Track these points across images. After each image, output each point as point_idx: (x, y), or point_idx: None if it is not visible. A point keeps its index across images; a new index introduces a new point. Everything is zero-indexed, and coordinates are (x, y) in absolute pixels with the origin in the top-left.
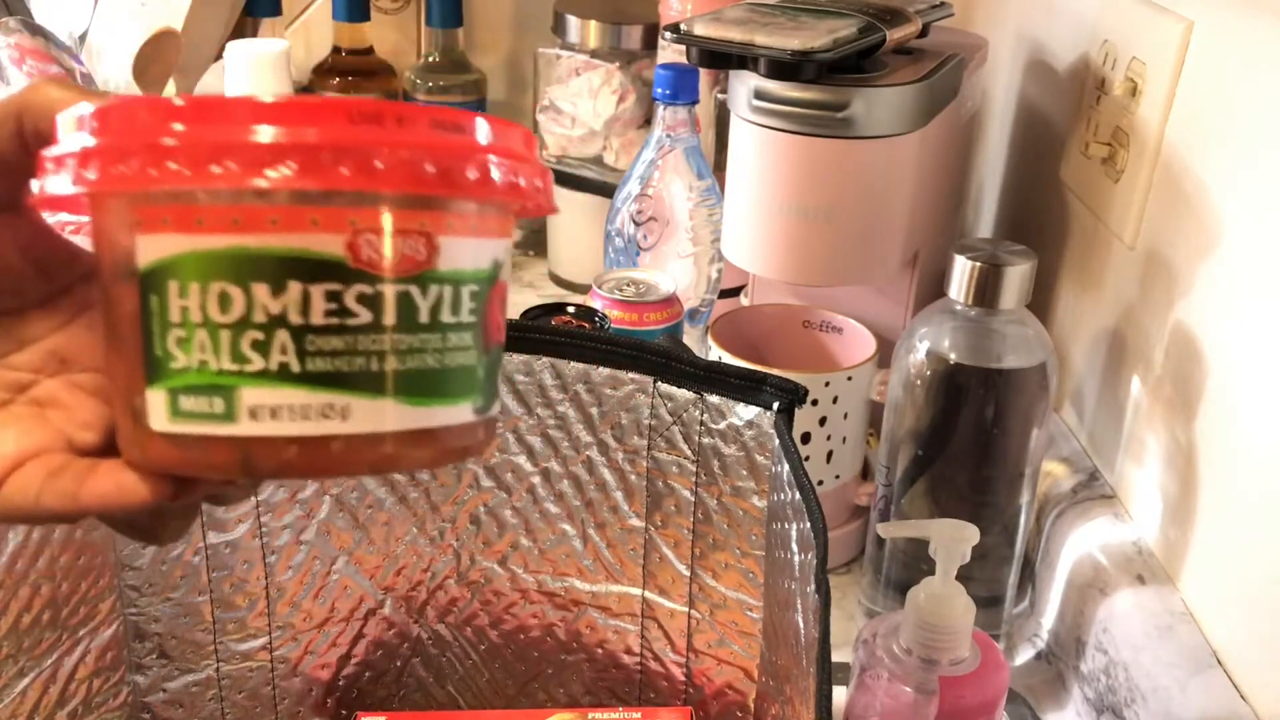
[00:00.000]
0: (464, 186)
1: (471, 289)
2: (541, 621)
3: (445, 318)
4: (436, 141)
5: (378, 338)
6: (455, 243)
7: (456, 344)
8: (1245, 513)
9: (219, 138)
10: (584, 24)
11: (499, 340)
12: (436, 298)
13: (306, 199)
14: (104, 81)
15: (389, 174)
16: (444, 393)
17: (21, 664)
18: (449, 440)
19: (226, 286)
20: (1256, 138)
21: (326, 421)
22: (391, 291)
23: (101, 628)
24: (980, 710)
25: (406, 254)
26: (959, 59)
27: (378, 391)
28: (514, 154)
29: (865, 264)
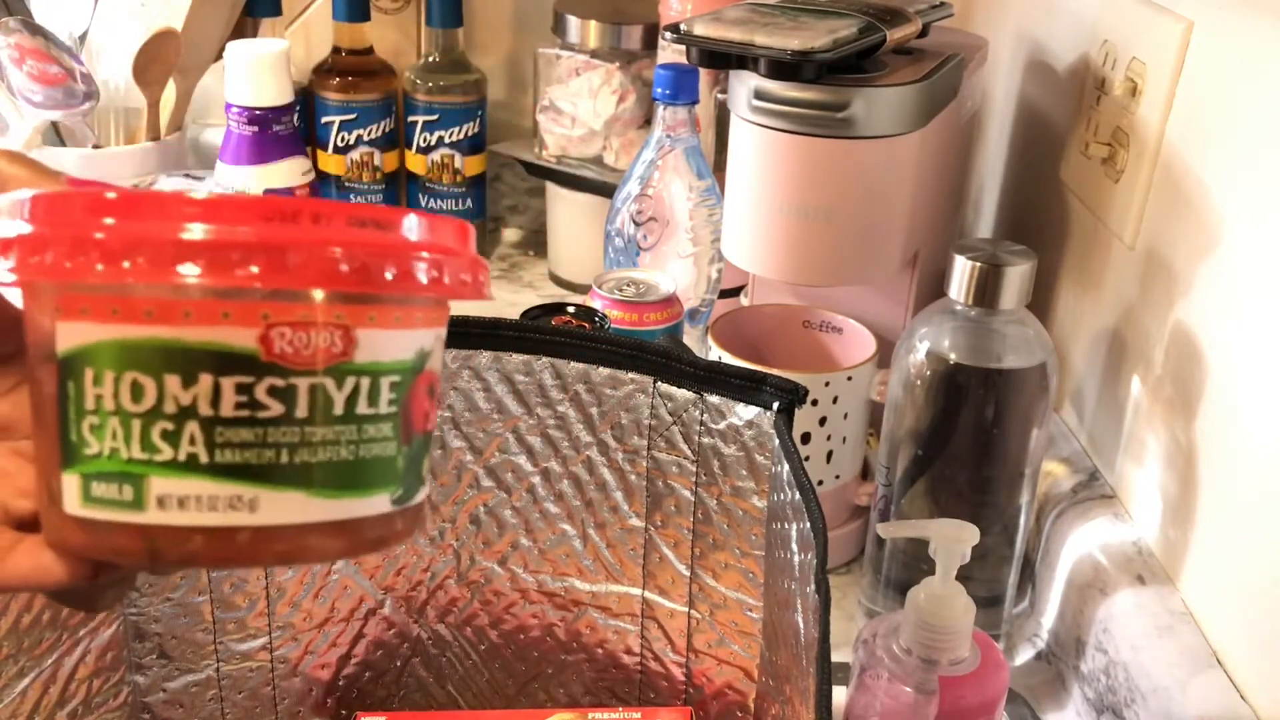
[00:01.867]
0: (380, 284)
1: (392, 380)
2: (541, 621)
3: (362, 409)
4: (353, 239)
5: (289, 430)
6: (375, 335)
7: (374, 435)
8: (1245, 513)
9: (134, 234)
10: (584, 24)
11: (424, 429)
12: (353, 390)
13: (220, 294)
14: (104, 82)
15: (299, 272)
16: (358, 485)
17: (21, 664)
18: (363, 532)
19: (139, 376)
20: (1256, 138)
21: (234, 513)
22: (305, 384)
23: (101, 628)
24: (980, 710)
25: (322, 347)
26: (959, 59)
27: (288, 484)
28: (441, 249)
29: (865, 264)
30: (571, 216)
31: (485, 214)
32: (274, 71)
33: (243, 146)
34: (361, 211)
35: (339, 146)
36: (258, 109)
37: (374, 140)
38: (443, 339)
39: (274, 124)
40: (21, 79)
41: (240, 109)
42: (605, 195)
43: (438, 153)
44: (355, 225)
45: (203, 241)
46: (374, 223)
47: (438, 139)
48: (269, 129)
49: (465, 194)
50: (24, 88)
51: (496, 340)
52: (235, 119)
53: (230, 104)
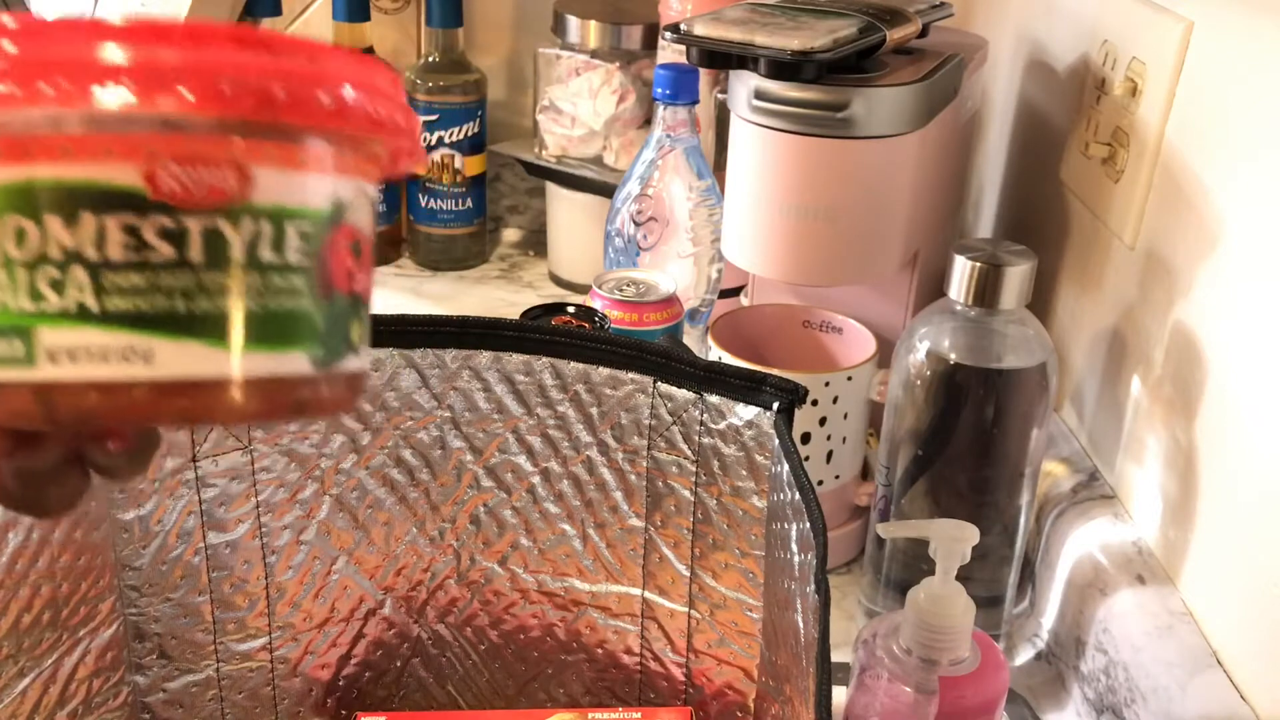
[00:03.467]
0: (275, 109)
1: (301, 228)
2: (541, 621)
3: (265, 257)
4: (246, 60)
5: (183, 275)
6: (276, 175)
7: (281, 286)
8: (1245, 513)
9: (7, 59)
10: (584, 24)
11: (348, 288)
12: (253, 234)
13: (100, 124)
14: None
15: (181, 94)
16: (267, 339)
17: (21, 664)
18: (280, 392)
19: (20, 220)
20: (1256, 138)
21: (128, 365)
22: (197, 225)
23: (101, 628)
24: (980, 710)
25: (214, 184)
26: (959, 59)
27: (184, 334)
28: (364, 85)
29: (865, 264)
30: (571, 216)
31: (485, 214)
32: None
33: None
34: (265, 35)
35: None
36: None
37: None
38: (369, 197)
39: None
40: None
41: None
42: (605, 195)
43: (438, 153)
44: (252, 47)
45: (78, 63)
46: (278, 46)
47: (438, 139)
48: None
49: (465, 194)
50: None
51: (496, 340)
52: None
53: None
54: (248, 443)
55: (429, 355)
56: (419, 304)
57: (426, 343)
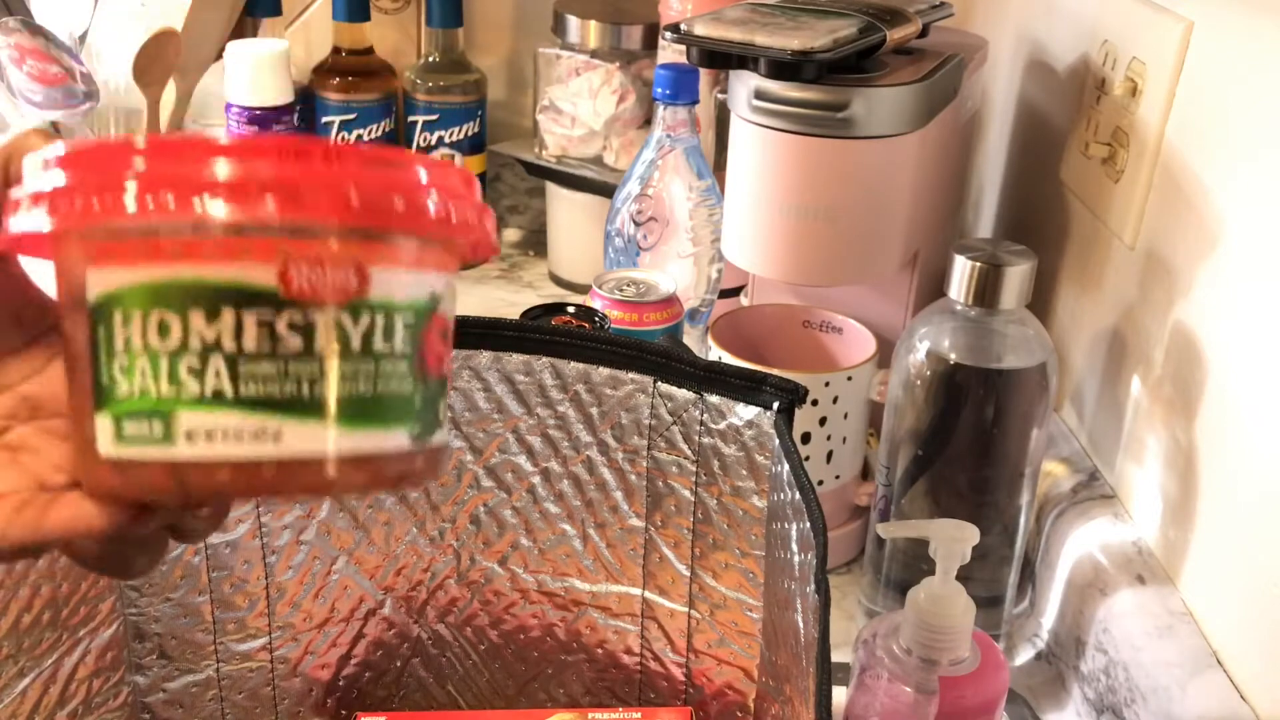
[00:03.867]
0: (391, 218)
1: (406, 319)
2: (541, 621)
3: (378, 346)
4: (365, 175)
5: (309, 364)
6: (388, 274)
7: (390, 372)
8: (1245, 513)
9: (158, 174)
10: (584, 24)
11: (439, 373)
12: (368, 326)
13: (240, 231)
14: (104, 82)
15: (312, 204)
16: (377, 419)
17: (21, 664)
18: (384, 467)
19: (165, 314)
20: (1256, 137)
21: (259, 444)
22: (323, 319)
23: (101, 628)
24: (980, 710)
25: (338, 284)
26: (959, 59)
27: (310, 415)
28: (449, 190)
29: (865, 264)
30: (571, 216)
31: None
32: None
33: None
34: (373, 151)
35: None
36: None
37: (374, 140)
38: (453, 288)
39: (274, 124)
40: (21, 79)
41: (240, 109)
42: (605, 195)
43: (438, 153)
44: (367, 164)
45: (222, 179)
46: (384, 161)
47: (438, 139)
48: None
49: None
50: (24, 88)
51: (496, 340)
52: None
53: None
54: None
55: None
56: None
57: None
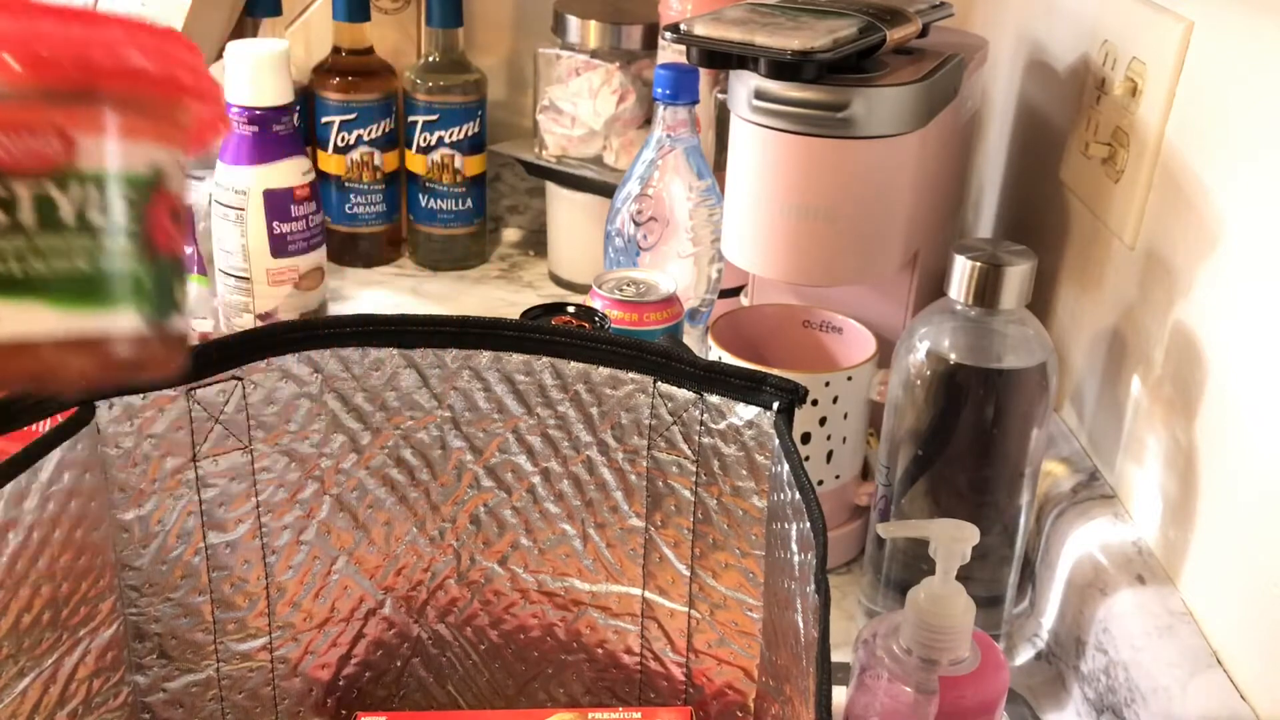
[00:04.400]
0: (93, 74)
1: (125, 193)
2: (541, 621)
3: (94, 219)
4: (62, 30)
5: (18, 239)
6: (98, 141)
7: (111, 248)
8: (1245, 513)
9: None
10: (584, 24)
11: (170, 251)
12: (81, 198)
13: None
14: None
15: (2, 63)
16: (100, 297)
17: (21, 664)
18: (114, 350)
19: None
20: (1256, 137)
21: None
22: (26, 190)
23: (101, 628)
24: (980, 710)
25: (42, 151)
26: (959, 59)
27: (24, 294)
28: (166, 54)
29: (865, 264)
30: (571, 216)
31: (485, 214)
32: (274, 71)
33: (243, 146)
34: (76, 10)
35: (339, 146)
36: (258, 109)
37: (374, 140)
38: (182, 165)
39: (274, 124)
40: None
41: (240, 109)
42: (605, 195)
43: (438, 153)
44: (66, 20)
45: None
46: (87, 19)
47: (438, 139)
48: (269, 129)
49: (465, 194)
50: None
51: (496, 340)
52: (235, 119)
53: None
54: (248, 443)
55: (429, 355)
56: (419, 304)
57: (426, 343)
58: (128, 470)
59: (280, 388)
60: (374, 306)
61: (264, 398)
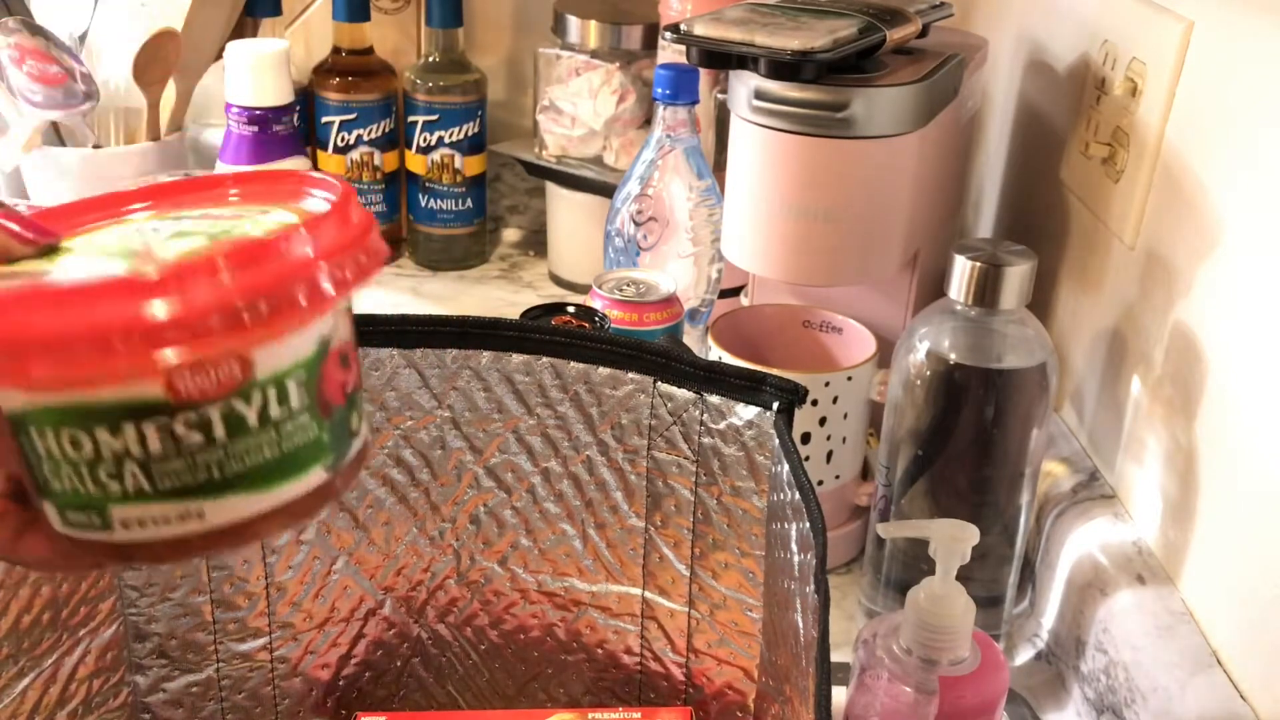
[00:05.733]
0: (276, 323)
1: (298, 378)
2: (541, 621)
3: (274, 414)
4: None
5: (214, 451)
6: (270, 350)
7: (292, 430)
8: (1245, 513)
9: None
10: (584, 24)
11: (341, 399)
12: (261, 402)
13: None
14: (104, 82)
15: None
16: (288, 474)
17: (21, 664)
18: (304, 506)
19: (73, 432)
20: (1256, 138)
21: (186, 524)
22: (216, 412)
23: (102, 628)
24: (980, 710)
25: (223, 379)
26: (959, 59)
27: (226, 492)
28: (332, 249)
29: (865, 264)
30: (571, 216)
31: (485, 214)
32: (274, 71)
33: (243, 146)
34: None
35: (339, 146)
36: (258, 109)
37: (374, 140)
38: (344, 309)
39: (274, 124)
40: (21, 79)
41: (240, 109)
42: (605, 195)
43: (438, 153)
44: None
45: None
46: (252, 259)
47: (438, 139)
48: (269, 129)
49: (465, 194)
50: (24, 88)
51: (496, 340)
52: (235, 119)
53: (230, 104)
54: None
55: (429, 355)
56: (419, 304)
57: (426, 343)
58: None
59: None
60: (374, 306)
61: None
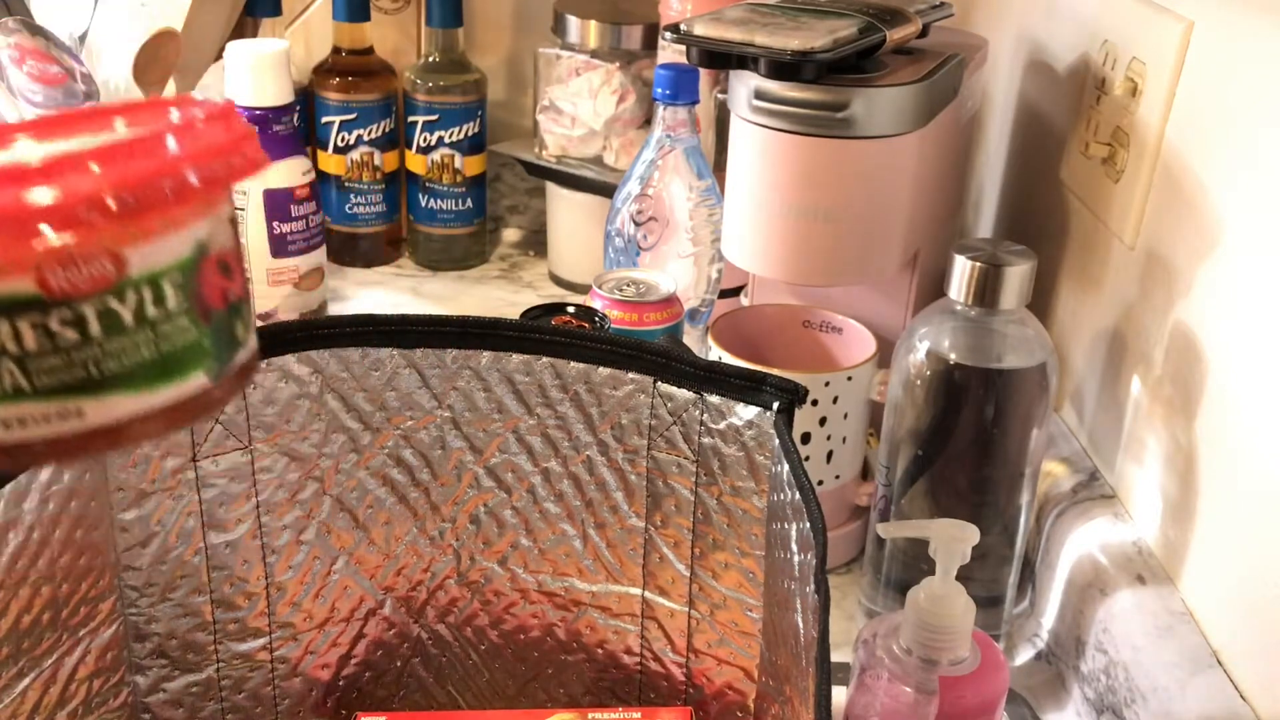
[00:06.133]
0: (148, 214)
1: (174, 279)
2: (541, 621)
3: (150, 314)
4: (113, 173)
5: (90, 348)
6: (145, 249)
7: (169, 331)
8: (1245, 513)
9: None
10: (584, 24)
11: (223, 304)
12: (136, 301)
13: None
14: (104, 82)
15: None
16: (168, 375)
17: (21, 664)
18: (184, 411)
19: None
20: (1256, 138)
21: (65, 422)
22: (91, 310)
23: (101, 628)
24: (980, 710)
25: (95, 275)
26: (959, 59)
27: (105, 390)
28: (203, 149)
29: (865, 264)
30: (571, 216)
31: (485, 214)
32: (274, 71)
33: None
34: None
35: (339, 146)
36: (258, 109)
37: (374, 140)
38: (223, 216)
39: (274, 124)
40: (21, 79)
41: (240, 109)
42: (605, 195)
43: (438, 153)
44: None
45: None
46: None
47: (438, 139)
48: (269, 129)
49: (465, 194)
50: (24, 88)
51: (496, 340)
52: None
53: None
54: (248, 443)
55: (429, 355)
56: (419, 304)
57: (426, 343)
58: (127, 470)
59: (280, 388)
60: (374, 306)
61: (264, 398)
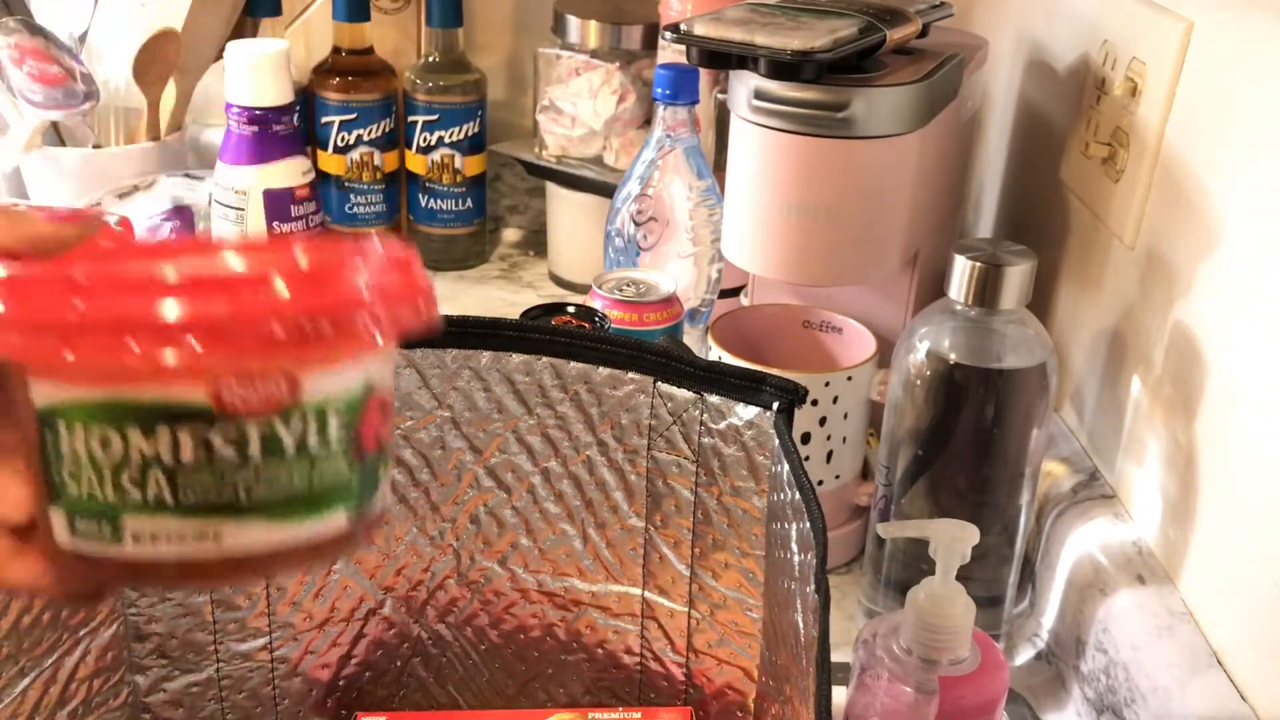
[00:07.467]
0: (320, 346)
1: (340, 413)
2: (541, 621)
3: (312, 445)
4: (291, 303)
5: (245, 471)
6: (319, 377)
7: (325, 465)
8: (1245, 513)
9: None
10: (584, 24)
11: (376, 447)
12: (301, 429)
13: None
14: (104, 82)
15: (240, 344)
16: (315, 509)
17: (22, 664)
18: (321, 550)
19: (105, 430)
20: (1256, 137)
21: (201, 544)
22: (255, 430)
23: (101, 628)
24: (980, 710)
25: (268, 395)
26: (959, 59)
27: (248, 516)
28: (386, 293)
29: (865, 264)
30: (571, 216)
31: (485, 214)
32: (274, 71)
33: (243, 146)
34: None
35: (339, 146)
36: (258, 109)
37: (374, 140)
38: (392, 358)
39: (274, 124)
40: (21, 79)
41: (240, 109)
42: (605, 195)
43: (438, 153)
44: (297, 287)
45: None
46: (315, 280)
47: (438, 139)
48: (269, 129)
49: (465, 194)
50: (24, 88)
51: (496, 340)
52: (235, 119)
53: (230, 104)
54: None
55: (429, 355)
56: None
57: (426, 343)
58: None
59: None
60: None
61: None
